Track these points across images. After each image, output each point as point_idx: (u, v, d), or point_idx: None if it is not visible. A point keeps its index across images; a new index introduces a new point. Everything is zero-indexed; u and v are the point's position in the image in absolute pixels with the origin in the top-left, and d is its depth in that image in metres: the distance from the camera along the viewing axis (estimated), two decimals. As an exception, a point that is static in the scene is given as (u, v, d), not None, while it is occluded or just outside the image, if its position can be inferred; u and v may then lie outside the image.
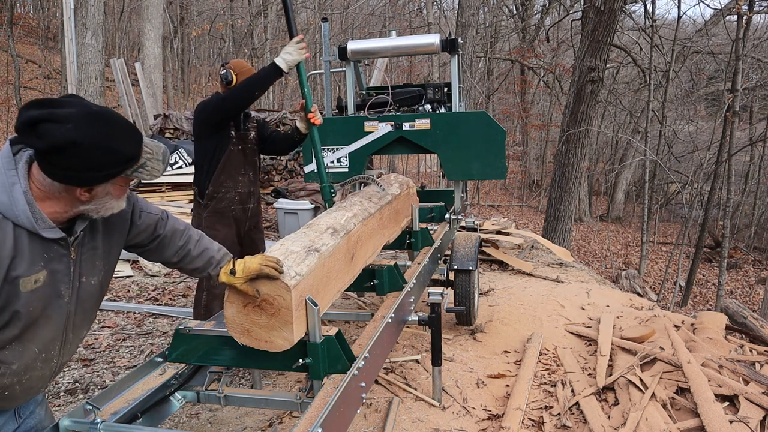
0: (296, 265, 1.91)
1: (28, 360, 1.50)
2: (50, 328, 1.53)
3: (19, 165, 1.39)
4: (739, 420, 2.75)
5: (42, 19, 24.21)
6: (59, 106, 1.35)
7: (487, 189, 23.68)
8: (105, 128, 1.37)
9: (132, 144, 1.43)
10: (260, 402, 2.26)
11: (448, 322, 4.30)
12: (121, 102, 11.92)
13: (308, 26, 20.93)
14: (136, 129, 1.48)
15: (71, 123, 1.32)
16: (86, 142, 1.33)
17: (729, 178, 12.04)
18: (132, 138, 1.44)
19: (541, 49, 19.34)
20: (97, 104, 1.45)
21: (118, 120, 1.43)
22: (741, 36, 11.15)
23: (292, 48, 2.99)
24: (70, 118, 1.32)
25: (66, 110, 1.33)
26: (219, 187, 3.31)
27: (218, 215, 3.32)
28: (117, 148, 1.39)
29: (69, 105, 1.36)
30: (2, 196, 1.35)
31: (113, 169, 1.41)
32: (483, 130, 4.24)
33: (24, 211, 1.36)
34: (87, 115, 1.35)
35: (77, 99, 1.41)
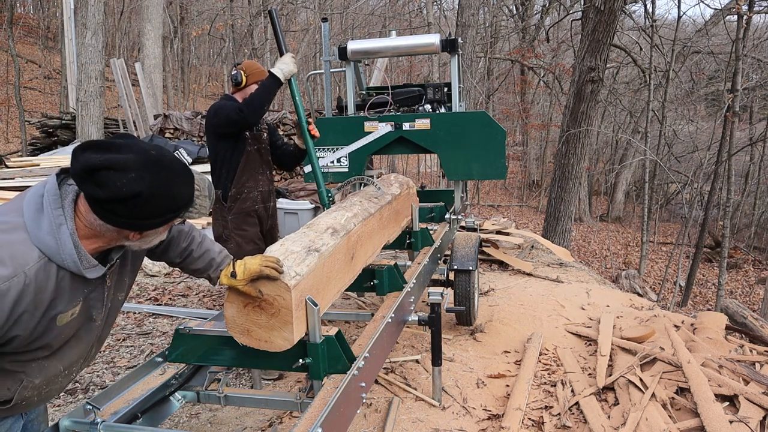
0: (296, 265, 1.91)
1: (51, 375, 1.51)
2: (78, 349, 1.54)
3: (65, 202, 1.34)
4: (739, 420, 2.75)
5: (42, 19, 24.23)
6: (117, 150, 1.30)
7: (487, 189, 23.68)
8: (165, 175, 1.33)
9: (189, 188, 1.41)
10: (260, 402, 2.27)
11: (448, 322, 4.30)
12: (121, 102, 11.92)
13: (308, 26, 20.93)
14: (189, 169, 1.45)
15: (133, 172, 1.27)
16: (149, 192, 1.29)
17: (729, 178, 12.04)
18: (188, 181, 1.42)
19: (541, 49, 19.34)
20: (149, 144, 1.39)
21: (174, 163, 1.39)
22: (741, 36, 11.16)
23: (287, 59, 3.13)
24: (131, 165, 1.28)
25: (125, 156, 1.29)
26: (242, 188, 3.35)
27: (244, 215, 3.37)
28: (176, 195, 1.37)
29: (127, 149, 1.31)
30: (49, 239, 1.31)
31: (171, 215, 1.39)
32: (483, 130, 4.24)
33: (71, 255, 1.32)
34: (147, 163, 1.30)
35: (133, 141, 1.36)
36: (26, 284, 1.27)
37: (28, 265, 1.29)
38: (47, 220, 1.32)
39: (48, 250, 1.31)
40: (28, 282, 1.28)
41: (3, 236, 1.29)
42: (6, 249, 1.27)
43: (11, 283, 1.25)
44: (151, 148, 1.36)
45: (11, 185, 6.62)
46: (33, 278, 1.29)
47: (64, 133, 11.27)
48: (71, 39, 12.46)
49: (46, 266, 1.32)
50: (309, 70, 16.32)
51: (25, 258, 1.29)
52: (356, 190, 3.43)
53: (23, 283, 1.27)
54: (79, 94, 9.52)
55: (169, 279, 5.76)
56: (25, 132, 14.74)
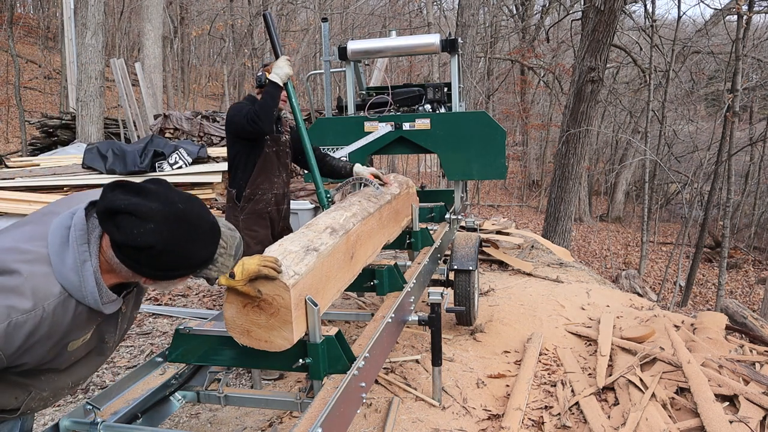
0: (295, 264, 1.91)
1: (59, 388, 1.52)
2: (88, 367, 1.55)
3: (92, 236, 1.33)
4: (739, 420, 2.75)
5: (42, 19, 24.22)
6: (145, 195, 1.29)
7: (487, 189, 23.68)
8: (185, 232, 1.31)
9: (209, 248, 1.37)
10: (260, 402, 2.27)
11: (448, 322, 4.30)
12: (121, 102, 11.91)
13: (308, 26, 20.93)
14: (215, 227, 1.40)
15: (152, 223, 1.26)
16: (163, 247, 1.27)
17: (729, 178, 12.04)
18: (210, 241, 1.38)
19: (541, 49, 19.34)
20: (182, 194, 1.36)
21: (200, 219, 1.36)
22: (741, 36, 11.16)
23: (282, 63, 3.15)
24: (153, 216, 1.26)
25: (150, 204, 1.27)
26: (256, 189, 3.35)
27: (256, 216, 3.37)
28: (193, 254, 1.34)
29: (155, 197, 1.29)
30: (72, 276, 1.30)
31: (184, 272, 1.37)
32: (483, 130, 4.24)
33: (92, 293, 1.32)
34: (170, 216, 1.28)
35: (164, 189, 1.33)
36: (43, 318, 1.27)
37: (48, 300, 1.28)
38: (72, 256, 1.31)
39: (70, 286, 1.31)
40: (45, 316, 1.28)
41: (27, 267, 1.28)
42: (29, 282, 1.27)
43: (29, 316, 1.25)
44: (182, 200, 1.33)
45: (11, 185, 6.62)
46: (51, 313, 1.29)
47: (64, 133, 11.26)
48: (71, 39, 12.45)
49: (65, 302, 1.31)
50: (309, 70, 16.32)
51: (46, 293, 1.28)
52: (355, 191, 3.43)
53: (40, 317, 1.27)
54: (79, 94, 9.52)
55: (169, 279, 5.75)
56: (25, 132, 14.74)
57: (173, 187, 1.36)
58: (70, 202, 1.49)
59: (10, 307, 1.23)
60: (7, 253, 1.29)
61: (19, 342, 1.25)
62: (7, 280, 1.25)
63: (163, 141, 7.44)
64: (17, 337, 1.24)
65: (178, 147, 7.31)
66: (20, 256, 1.29)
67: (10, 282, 1.25)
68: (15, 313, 1.23)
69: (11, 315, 1.23)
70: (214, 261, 1.40)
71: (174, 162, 7.13)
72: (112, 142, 7.55)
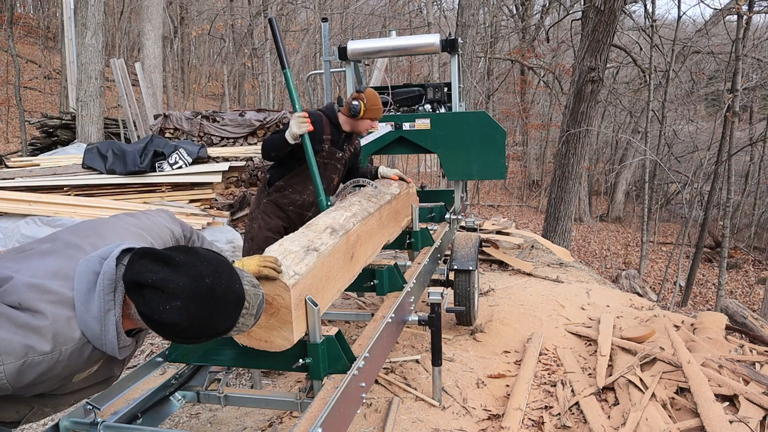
0: (295, 264, 1.91)
1: (61, 406, 1.54)
2: (93, 391, 1.57)
3: (119, 285, 1.33)
4: (739, 420, 2.75)
5: (42, 19, 24.22)
6: (173, 268, 1.28)
7: (487, 189, 23.68)
8: (211, 308, 1.30)
9: (231, 319, 1.37)
10: (260, 402, 2.27)
11: (448, 322, 4.30)
12: (121, 102, 11.92)
13: (308, 26, 20.94)
14: (240, 296, 1.38)
15: (179, 300, 1.26)
16: (188, 324, 1.28)
17: (729, 178, 12.04)
18: (235, 309, 1.36)
19: (541, 49, 19.34)
20: (210, 262, 1.34)
21: (227, 294, 1.34)
22: (741, 36, 11.16)
23: (293, 121, 3.12)
24: (180, 293, 1.26)
25: (178, 280, 1.26)
26: (288, 186, 3.37)
27: (276, 206, 3.41)
28: (217, 326, 1.34)
29: (183, 271, 1.28)
30: (94, 324, 1.30)
31: (204, 340, 1.37)
32: (483, 130, 4.24)
33: (112, 341, 1.33)
34: (197, 293, 1.28)
35: (192, 259, 1.32)
36: (59, 361, 1.28)
37: (67, 345, 1.29)
38: (97, 305, 1.31)
39: (91, 334, 1.31)
40: (61, 359, 1.29)
41: (51, 309, 1.28)
42: (52, 325, 1.27)
43: (45, 358, 1.26)
44: (209, 273, 1.31)
45: (11, 185, 6.62)
46: (66, 357, 1.30)
47: (64, 133, 11.26)
48: (71, 39, 12.45)
49: (83, 347, 1.32)
50: (309, 70, 16.32)
51: (66, 338, 1.29)
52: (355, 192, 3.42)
53: (56, 360, 1.28)
54: (79, 94, 9.53)
55: (169, 279, 5.75)
56: (25, 132, 14.74)
57: (201, 255, 1.35)
58: (93, 233, 1.49)
59: (29, 347, 1.23)
60: (32, 290, 1.28)
61: (30, 379, 1.26)
62: (31, 320, 1.24)
63: (163, 141, 7.44)
64: (29, 375, 1.25)
65: (178, 147, 7.30)
66: (45, 296, 1.28)
67: (33, 322, 1.24)
68: (33, 353, 1.23)
69: (29, 355, 1.23)
70: (236, 324, 1.39)
71: (174, 162, 7.13)
72: (112, 142, 7.55)
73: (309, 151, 3.12)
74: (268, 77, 20.18)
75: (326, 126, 3.34)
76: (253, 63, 21.57)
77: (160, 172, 7.05)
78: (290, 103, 3.49)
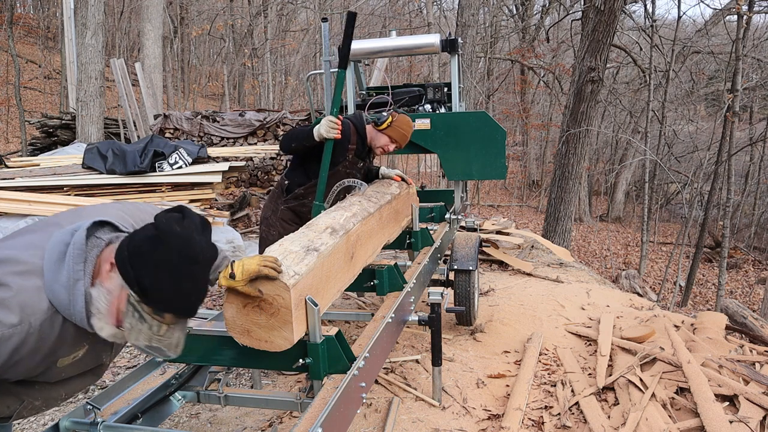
0: (295, 264, 1.91)
1: (51, 399, 1.52)
2: (84, 383, 1.55)
3: (89, 256, 1.33)
4: (739, 420, 2.75)
5: (42, 19, 24.21)
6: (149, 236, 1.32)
7: (487, 189, 23.68)
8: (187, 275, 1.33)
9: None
10: (260, 402, 2.27)
11: (448, 322, 4.30)
12: (121, 102, 11.91)
13: (308, 26, 20.94)
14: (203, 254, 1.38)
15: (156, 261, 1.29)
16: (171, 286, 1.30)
17: (729, 178, 12.05)
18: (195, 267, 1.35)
19: (541, 49, 19.34)
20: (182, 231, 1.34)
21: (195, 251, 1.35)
22: (741, 36, 11.16)
23: (325, 122, 3.07)
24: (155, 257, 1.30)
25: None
26: (309, 194, 3.35)
27: (295, 215, 3.41)
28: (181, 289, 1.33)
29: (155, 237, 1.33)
30: (62, 293, 1.30)
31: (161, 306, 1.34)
32: (483, 130, 4.24)
33: (80, 311, 1.31)
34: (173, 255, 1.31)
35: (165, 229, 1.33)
36: (29, 333, 1.27)
37: (36, 315, 1.28)
38: (66, 274, 1.30)
39: (59, 303, 1.30)
40: (31, 332, 1.27)
41: (18, 281, 1.27)
42: (18, 296, 1.26)
43: (14, 330, 1.24)
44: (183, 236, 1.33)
45: (11, 185, 6.62)
46: (37, 328, 1.28)
47: (64, 133, 11.27)
48: (71, 39, 12.46)
49: (52, 318, 1.31)
50: (309, 70, 16.32)
51: (34, 308, 1.28)
52: (355, 192, 3.42)
53: (26, 332, 1.26)
54: (79, 94, 9.53)
55: (169, 279, 5.75)
56: (25, 132, 14.74)
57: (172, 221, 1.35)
58: (75, 215, 1.49)
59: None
60: (1, 264, 1.28)
61: (3, 357, 1.24)
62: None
63: (163, 141, 7.44)
64: (2, 351, 1.24)
65: (178, 147, 7.30)
66: (14, 267, 1.28)
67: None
68: (1, 328, 1.22)
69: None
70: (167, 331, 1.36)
71: (174, 162, 7.13)
72: (112, 142, 7.54)
73: (327, 156, 3.10)
74: (268, 77, 20.17)
75: (353, 135, 3.33)
76: (253, 63, 21.56)
77: (160, 172, 7.05)
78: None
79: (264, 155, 9.54)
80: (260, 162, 10.35)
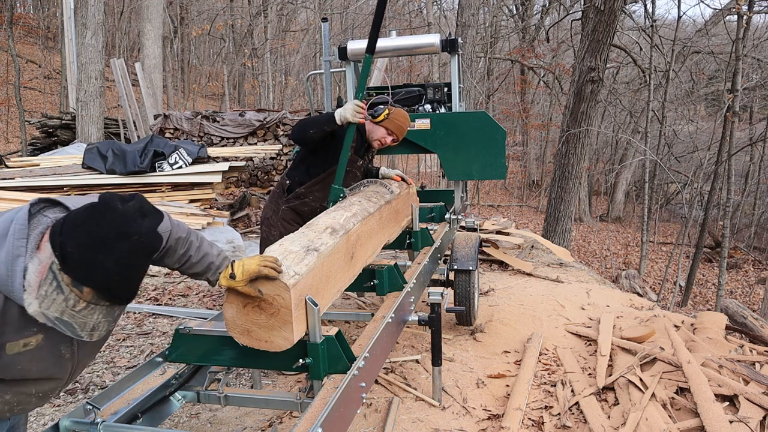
0: (295, 264, 1.91)
1: (22, 395, 1.48)
2: (51, 383, 1.51)
3: (33, 232, 1.30)
4: (739, 420, 2.75)
5: (42, 19, 24.22)
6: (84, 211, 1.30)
7: (487, 189, 23.69)
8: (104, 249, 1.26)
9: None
10: (260, 402, 2.27)
11: (448, 322, 4.30)
12: (121, 102, 11.92)
13: (308, 26, 20.94)
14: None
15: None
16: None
17: (729, 178, 12.05)
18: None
19: (541, 49, 19.35)
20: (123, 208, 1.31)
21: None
22: (741, 36, 11.16)
23: (350, 106, 3.06)
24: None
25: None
26: (309, 194, 3.35)
27: (296, 214, 3.40)
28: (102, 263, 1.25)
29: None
30: (2, 269, 1.27)
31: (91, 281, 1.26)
32: (483, 130, 4.23)
33: (18, 288, 1.28)
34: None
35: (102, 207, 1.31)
36: None
37: None
38: (6, 249, 1.27)
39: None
40: None
41: None
42: None
43: None
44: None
45: (11, 185, 6.62)
46: None
47: (64, 133, 11.27)
48: (71, 39, 12.46)
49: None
50: (309, 70, 16.32)
51: None
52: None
53: None
54: (79, 94, 9.53)
55: (169, 279, 5.75)
56: (25, 132, 14.75)
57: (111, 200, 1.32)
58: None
59: None
60: None
61: None
62: None
63: (163, 141, 7.44)
64: None
65: (178, 147, 7.31)
66: None
67: None
68: None
69: None
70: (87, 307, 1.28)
71: (174, 162, 7.13)
72: (112, 142, 7.55)
73: (348, 140, 3.10)
74: (268, 77, 20.18)
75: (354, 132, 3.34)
76: (253, 63, 21.57)
77: (160, 172, 7.05)
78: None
79: (264, 155, 9.55)
80: (260, 162, 10.35)
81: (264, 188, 10.41)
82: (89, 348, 1.56)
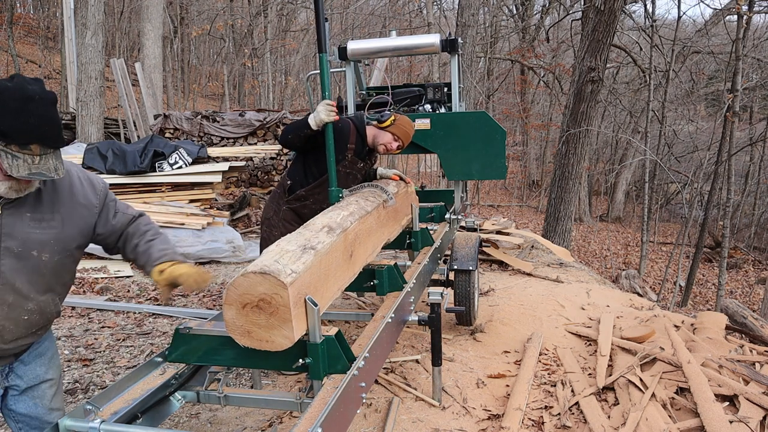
0: (292, 263, 1.90)
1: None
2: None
3: None
4: (739, 420, 2.75)
5: (42, 19, 24.21)
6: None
7: (487, 189, 23.69)
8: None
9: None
10: (260, 402, 2.26)
11: (448, 322, 4.30)
12: (121, 102, 11.92)
13: (308, 26, 20.94)
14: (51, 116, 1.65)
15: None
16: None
17: (729, 178, 12.05)
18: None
19: (541, 49, 19.35)
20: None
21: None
22: (741, 36, 11.16)
23: (321, 107, 3.06)
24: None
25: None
26: (310, 196, 3.35)
27: (297, 216, 3.40)
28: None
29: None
30: None
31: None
32: (483, 130, 4.24)
33: None
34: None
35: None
36: None
37: None
38: None
39: None
40: None
41: None
42: None
43: None
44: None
45: (11, 185, 6.62)
46: None
47: (65, 133, 11.26)
48: (71, 39, 12.46)
49: None
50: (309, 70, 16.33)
51: None
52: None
53: None
54: (79, 94, 9.52)
55: (169, 279, 5.75)
56: (25, 132, 14.71)
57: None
58: None
59: None
60: None
61: None
62: None
63: (163, 141, 7.44)
64: None
65: (178, 147, 7.31)
66: None
67: None
68: None
69: None
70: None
71: (174, 162, 7.13)
72: (112, 142, 7.55)
73: (330, 140, 3.08)
74: (268, 77, 20.18)
75: (352, 135, 3.33)
76: (253, 63, 21.57)
77: (160, 172, 7.05)
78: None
79: (264, 155, 9.55)
80: (260, 162, 10.35)
81: (264, 188, 10.41)
82: (26, 252, 1.76)
